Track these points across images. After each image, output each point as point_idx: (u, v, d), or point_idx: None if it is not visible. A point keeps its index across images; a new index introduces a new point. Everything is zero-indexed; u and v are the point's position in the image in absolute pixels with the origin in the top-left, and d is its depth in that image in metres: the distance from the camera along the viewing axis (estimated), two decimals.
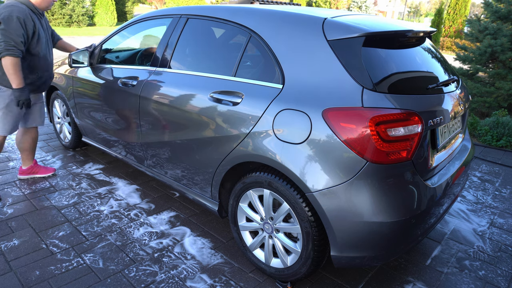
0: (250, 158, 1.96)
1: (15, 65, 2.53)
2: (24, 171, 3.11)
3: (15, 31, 2.49)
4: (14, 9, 2.50)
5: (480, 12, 13.30)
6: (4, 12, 2.48)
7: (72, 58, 3.10)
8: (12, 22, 2.47)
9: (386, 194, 1.67)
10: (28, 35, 2.60)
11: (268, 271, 2.12)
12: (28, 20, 2.58)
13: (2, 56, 2.49)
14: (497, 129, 4.82)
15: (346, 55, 1.72)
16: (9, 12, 2.47)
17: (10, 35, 2.47)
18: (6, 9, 2.50)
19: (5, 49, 2.47)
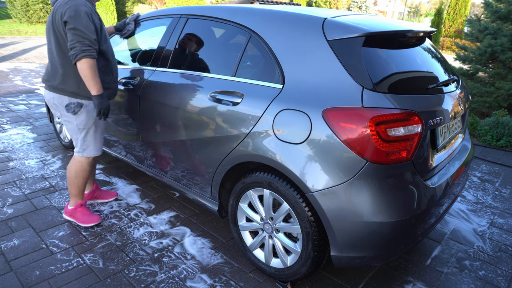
0: (250, 158, 1.96)
1: (93, 67, 2.18)
2: (67, 211, 2.58)
3: (86, 28, 2.14)
4: (78, 4, 2.14)
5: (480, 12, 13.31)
6: (69, 10, 2.11)
7: None
8: (82, 19, 2.12)
9: (386, 194, 1.67)
10: (97, 30, 2.26)
11: (268, 271, 2.12)
12: (94, 14, 2.25)
13: (79, 59, 2.12)
14: (497, 129, 4.82)
15: (346, 55, 1.72)
16: (74, 9, 2.12)
17: (83, 34, 2.12)
18: (68, 5, 2.13)
19: (81, 50, 2.11)
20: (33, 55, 9.60)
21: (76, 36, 2.12)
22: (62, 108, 2.33)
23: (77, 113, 2.33)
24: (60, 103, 2.32)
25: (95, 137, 2.45)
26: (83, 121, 2.36)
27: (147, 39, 2.85)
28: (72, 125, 2.39)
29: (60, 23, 2.16)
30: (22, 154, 3.62)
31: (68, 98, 2.30)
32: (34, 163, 3.45)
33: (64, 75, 2.27)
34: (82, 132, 2.39)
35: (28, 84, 6.56)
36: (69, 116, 2.35)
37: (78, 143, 2.43)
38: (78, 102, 2.31)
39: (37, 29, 15.19)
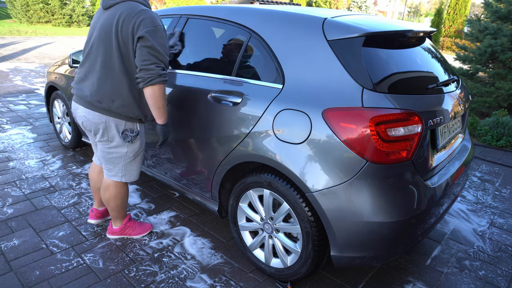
0: (250, 158, 1.96)
1: (164, 94, 1.93)
2: (116, 231, 2.41)
3: (164, 48, 1.86)
4: (154, 16, 1.85)
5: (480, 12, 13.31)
6: (145, 22, 1.79)
7: (72, 58, 3.10)
8: (160, 35, 1.84)
9: (386, 194, 1.67)
10: None
11: (268, 271, 2.12)
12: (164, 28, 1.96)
13: (153, 84, 1.85)
14: (497, 129, 4.82)
15: (346, 55, 1.72)
16: (151, 21, 1.81)
17: (160, 56, 1.84)
18: (142, 16, 1.80)
19: (159, 74, 1.84)
20: (33, 55, 9.60)
21: (152, 57, 1.82)
22: (114, 133, 2.04)
23: (133, 141, 2.09)
24: (115, 128, 2.02)
25: (140, 162, 2.25)
26: (135, 149, 2.13)
27: None
28: (120, 153, 2.10)
29: (129, 37, 1.83)
30: (22, 154, 3.62)
31: (125, 123, 2.03)
32: (34, 163, 3.45)
33: (128, 98, 1.96)
34: (128, 159, 2.15)
35: (28, 84, 6.56)
36: (120, 143, 2.07)
37: (116, 169, 2.16)
38: (137, 130, 2.08)
39: (37, 29, 15.19)
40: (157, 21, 1.85)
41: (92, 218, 2.52)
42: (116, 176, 2.19)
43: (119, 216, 2.37)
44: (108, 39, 1.87)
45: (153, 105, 1.94)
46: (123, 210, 2.35)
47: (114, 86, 1.93)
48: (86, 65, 1.99)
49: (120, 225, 2.40)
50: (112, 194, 2.24)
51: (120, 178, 2.19)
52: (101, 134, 2.05)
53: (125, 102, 1.96)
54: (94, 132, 2.07)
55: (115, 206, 2.29)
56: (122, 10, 1.84)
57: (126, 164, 2.16)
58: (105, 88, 1.94)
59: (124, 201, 2.32)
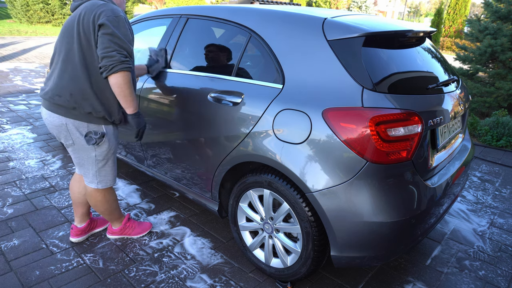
0: (250, 158, 1.96)
1: (130, 82, 1.86)
2: (115, 231, 2.39)
3: (126, 37, 1.82)
4: (114, 8, 1.83)
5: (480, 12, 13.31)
6: (106, 12, 1.78)
7: None
8: (121, 24, 1.81)
9: (386, 194, 1.67)
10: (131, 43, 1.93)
11: (268, 271, 2.12)
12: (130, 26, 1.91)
13: (115, 71, 1.78)
14: (497, 129, 4.82)
15: (346, 55, 1.72)
16: (112, 12, 1.79)
17: (122, 42, 1.79)
18: (103, 8, 1.80)
19: (120, 61, 1.78)
20: (33, 55, 9.60)
21: (113, 44, 1.76)
22: (77, 136, 1.95)
23: (99, 144, 1.97)
24: (76, 131, 1.93)
25: (113, 166, 2.13)
26: (103, 152, 2.02)
27: (147, 39, 2.85)
28: (88, 157, 2.01)
29: (90, 28, 1.79)
30: (22, 154, 3.62)
31: (87, 125, 1.92)
32: (34, 163, 3.45)
33: (87, 91, 1.86)
34: (99, 163, 2.04)
35: (28, 84, 6.56)
36: (85, 147, 1.97)
37: (90, 175, 2.08)
38: (101, 132, 1.96)
39: (37, 29, 15.19)
40: (118, 12, 1.81)
41: (72, 236, 2.33)
42: (92, 183, 2.10)
43: (114, 219, 2.34)
44: (69, 35, 1.84)
45: (119, 94, 1.84)
46: (115, 212, 2.30)
47: (73, 78, 1.85)
48: (51, 67, 1.96)
49: (119, 225, 2.39)
50: (97, 200, 2.17)
51: (96, 185, 2.11)
52: (65, 137, 1.96)
53: (84, 96, 1.86)
54: (57, 136, 1.99)
55: (104, 211, 2.24)
56: (84, 6, 1.85)
57: (99, 169, 2.06)
58: (64, 80, 1.86)
59: (112, 205, 2.25)
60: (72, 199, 2.29)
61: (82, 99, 1.86)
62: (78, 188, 2.25)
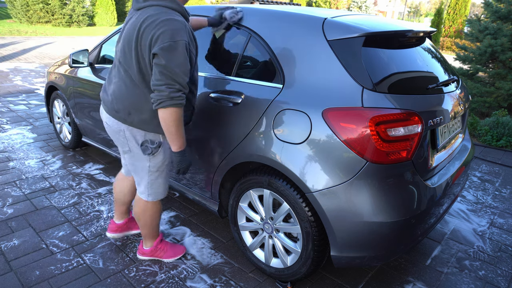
0: (250, 158, 1.96)
1: (179, 119, 1.71)
2: (146, 252, 2.23)
3: (181, 67, 1.64)
4: (176, 28, 1.61)
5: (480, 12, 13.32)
6: (163, 36, 1.58)
7: (72, 58, 3.10)
8: (178, 53, 1.61)
9: (386, 194, 1.67)
10: (192, 61, 1.76)
11: (268, 271, 2.12)
12: (191, 38, 1.74)
13: (163, 106, 1.65)
14: (497, 129, 4.82)
15: (346, 55, 1.72)
16: (170, 36, 1.59)
17: (175, 76, 1.63)
18: (163, 28, 1.59)
19: (169, 97, 1.63)
20: (33, 55, 9.60)
21: (164, 77, 1.62)
22: (134, 144, 1.87)
23: (155, 154, 1.90)
24: (133, 138, 1.86)
25: (166, 179, 2.04)
26: (158, 163, 1.93)
27: None
28: (143, 166, 1.93)
29: (146, 49, 1.64)
30: (22, 154, 3.62)
31: (144, 133, 1.84)
32: (34, 163, 3.45)
33: (146, 113, 1.79)
34: (152, 175, 1.95)
35: (28, 84, 6.56)
36: (141, 156, 1.90)
37: (142, 185, 2.00)
38: (158, 142, 1.87)
39: (37, 29, 15.20)
40: (178, 35, 1.60)
41: (109, 230, 2.35)
42: (143, 194, 2.02)
43: (149, 235, 2.17)
44: (129, 47, 1.70)
45: (165, 130, 1.72)
46: (154, 228, 2.16)
47: (132, 98, 1.77)
48: (113, 68, 1.87)
49: (151, 246, 2.21)
50: (141, 210, 2.07)
51: (147, 197, 2.02)
52: (122, 143, 1.91)
53: (142, 117, 1.79)
54: (115, 140, 1.95)
55: (144, 223, 2.12)
56: (147, 16, 1.65)
57: (152, 181, 1.97)
58: (123, 98, 1.79)
59: (154, 220, 2.13)
60: (114, 196, 2.32)
61: (139, 121, 1.81)
62: (120, 187, 2.27)
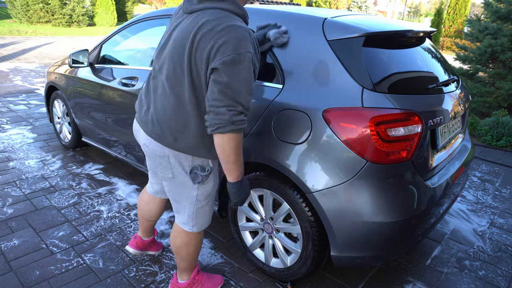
0: (249, 158, 1.96)
1: (239, 146, 1.44)
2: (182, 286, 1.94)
3: (245, 85, 1.36)
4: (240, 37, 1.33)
5: (480, 12, 13.32)
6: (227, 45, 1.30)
7: (72, 58, 3.10)
8: (243, 68, 1.34)
9: (386, 194, 1.67)
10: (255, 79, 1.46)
11: (268, 271, 2.12)
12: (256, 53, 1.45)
13: (222, 132, 1.37)
14: (497, 129, 4.82)
15: (346, 55, 1.72)
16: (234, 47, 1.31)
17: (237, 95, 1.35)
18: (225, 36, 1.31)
19: (230, 121, 1.36)
20: (33, 55, 9.60)
21: (225, 96, 1.33)
22: (180, 171, 1.60)
23: (205, 182, 1.65)
24: (180, 165, 1.59)
25: (212, 206, 1.80)
26: (207, 191, 1.68)
27: (148, 39, 2.85)
28: (188, 195, 1.66)
29: (203, 63, 1.36)
30: (22, 154, 3.62)
31: (192, 158, 1.58)
32: (34, 163, 3.45)
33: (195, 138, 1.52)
34: (199, 204, 1.70)
35: (28, 84, 6.56)
36: (187, 184, 1.63)
37: (186, 215, 1.74)
38: (209, 168, 1.62)
39: (37, 29, 15.19)
40: (242, 46, 1.32)
41: (132, 246, 2.18)
42: (186, 224, 1.76)
43: (188, 268, 1.91)
44: (180, 59, 1.40)
45: (221, 158, 1.45)
46: (194, 261, 1.90)
47: (180, 121, 1.49)
48: (152, 80, 1.57)
49: (187, 279, 1.94)
50: (184, 242, 1.81)
51: (191, 228, 1.76)
52: (164, 169, 1.62)
53: (191, 141, 1.52)
54: (155, 164, 1.65)
55: (186, 255, 1.84)
56: (203, 21, 1.35)
57: (197, 210, 1.71)
58: (168, 120, 1.51)
59: (198, 250, 1.86)
60: (139, 214, 2.12)
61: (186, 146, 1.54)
62: (149, 209, 2.06)
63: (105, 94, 2.93)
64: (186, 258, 1.85)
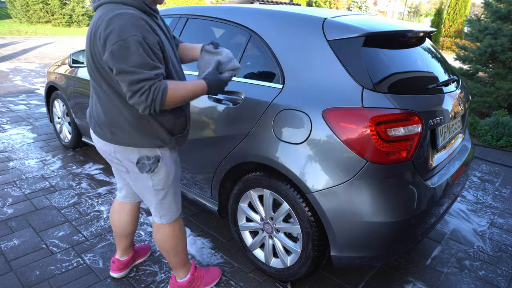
0: (250, 158, 1.96)
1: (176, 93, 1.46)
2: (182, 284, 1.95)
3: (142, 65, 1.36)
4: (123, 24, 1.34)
5: (480, 12, 13.31)
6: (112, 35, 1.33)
7: (72, 58, 3.10)
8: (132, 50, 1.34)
9: (386, 194, 1.67)
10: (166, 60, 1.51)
11: (268, 271, 2.12)
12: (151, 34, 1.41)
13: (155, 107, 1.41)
14: (497, 129, 4.82)
15: (346, 55, 1.72)
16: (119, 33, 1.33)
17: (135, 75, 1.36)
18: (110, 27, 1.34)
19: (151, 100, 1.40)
20: (33, 55, 9.60)
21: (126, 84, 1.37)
22: (128, 164, 1.63)
23: (154, 171, 1.64)
24: (127, 159, 1.62)
25: (176, 195, 1.78)
26: (161, 180, 1.68)
27: None
28: (146, 186, 1.69)
29: (100, 55, 1.41)
30: (22, 154, 3.62)
31: (138, 151, 1.59)
32: (34, 163, 3.45)
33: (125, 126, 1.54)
34: (158, 194, 1.71)
35: (28, 84, 6.56)
36: (139, 175, 1.66)
37: (152, 207, 1.77)
38: (155, 156, 1.61)
39: (37, 29, 15.19)
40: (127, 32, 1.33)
41: (114, 270, 2.07)
42: (156, 217, 1.80)
43: (179, 264, 1.91)
44: (88, 56, 1.48)
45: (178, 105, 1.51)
46: (183, 254, 1.90)
47: (109, 114, 1.53)
48: None
49: (185, 277, 1.95)
50: (164, 235, 1.82)
51: (160, 219, 1.79)
52: (116, 165, 1.67)
53: (125, 133, 1.54)
54: (110, 162, 1.71)
55: (170, 249, 1.85)
56: (97, 16, 1.41)
57: (160, 202, 1.73)
58: (99, 115, 1.57)
59: (182, 242, 1.87)
60: (114, 229, 2.02)
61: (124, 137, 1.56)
62: (117, 218, 1.99)
63: None
64: (173, 252, 1.86)
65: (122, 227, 1.99)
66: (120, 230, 2.00)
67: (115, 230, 2.01)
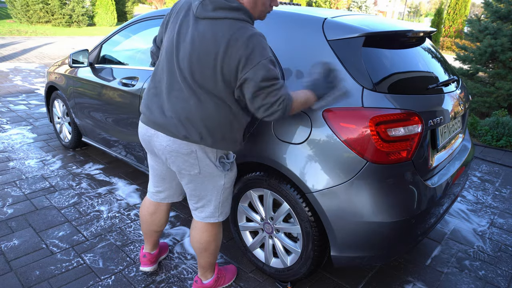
0: (250, 158, 1.96)
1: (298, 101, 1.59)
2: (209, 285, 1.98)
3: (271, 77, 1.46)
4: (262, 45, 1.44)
5: (480, 12, 13.30)
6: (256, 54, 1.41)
7: (72, 58, 3.10)
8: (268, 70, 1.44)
9: (386, 194, 1.67)
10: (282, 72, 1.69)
11: (268, 271, 2.12)
12: None
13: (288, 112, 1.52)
14: (497, 129, 4.82)
15: (346, 55, 1.72)
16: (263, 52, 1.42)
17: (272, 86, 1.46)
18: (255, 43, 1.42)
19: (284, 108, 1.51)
20: (33, 55, 9.60)
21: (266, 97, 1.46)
22: (207, 163, 1.64)
23: (230, 169, 1.74)
24: (206, 157, 1.63)
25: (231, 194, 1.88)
26: (232, 178, 1.77)
27: (148, 39, 2.85)
28: (216, 186, 1.72)
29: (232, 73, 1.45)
30: (22, 154, 3.62)
31: (216, 151, 1.65)
32: (34, 163, 3.45)
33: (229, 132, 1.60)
34: (225, 192, 1.77)
35: (28, 84, 6.56)
36: (213, 175, 1.68)
37: (211, 208, 1.77)
38: (233, 155, 1.74)
39: (37, 29, 15.19)
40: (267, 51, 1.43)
41: (146, 265, 2.10)
42: (212, 217, 1.79)
43: (212, 264, 1.95)
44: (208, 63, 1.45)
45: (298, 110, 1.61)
46: (216, 255, 1.95)
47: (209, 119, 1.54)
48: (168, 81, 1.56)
49: (211, 276, 1.98)
50: (212, 235, 1.84)
51: (218, 218, 1.80)
52: (190, 165, 1.63)
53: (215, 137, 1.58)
54: (178, 163, 1.64)
55: (215, 248, 1.88)
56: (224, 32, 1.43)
57: (224, 199, 1.78)
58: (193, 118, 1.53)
59: (220, 242, 1.93)
60: (144, 227, 2.04)
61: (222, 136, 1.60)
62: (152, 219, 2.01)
63: (105, 94, 2.92)
64: (215, 251, 1.90)
65: (159, 225, 2.04)
66: (155, 228, 2.05)
67: (151, 228, 2.04)
